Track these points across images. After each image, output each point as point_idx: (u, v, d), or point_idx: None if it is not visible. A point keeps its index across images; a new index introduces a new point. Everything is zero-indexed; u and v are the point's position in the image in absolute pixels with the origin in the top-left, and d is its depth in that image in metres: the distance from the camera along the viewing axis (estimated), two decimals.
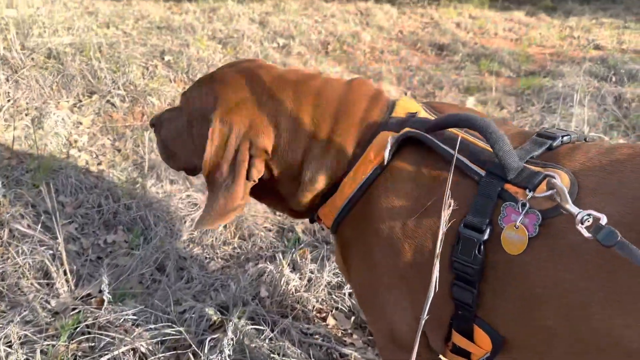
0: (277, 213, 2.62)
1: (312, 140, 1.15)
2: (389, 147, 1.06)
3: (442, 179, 0.99)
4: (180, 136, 1.28)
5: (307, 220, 2.54)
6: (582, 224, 0.76)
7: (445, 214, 0.84)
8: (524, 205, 0.86)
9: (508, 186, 0.90)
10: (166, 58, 4.19)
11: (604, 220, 0.75)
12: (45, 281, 2.04)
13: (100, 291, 2.04)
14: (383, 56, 5.69)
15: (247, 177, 1.12)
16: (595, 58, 5.74)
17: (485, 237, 0.89)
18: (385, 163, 1.06)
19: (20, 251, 2.05)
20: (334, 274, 2.06)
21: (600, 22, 8.11)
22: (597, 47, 6.55)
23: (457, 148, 0.91)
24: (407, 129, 1.06)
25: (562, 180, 0.85)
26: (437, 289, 0.90)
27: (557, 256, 0.83)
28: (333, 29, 6.22)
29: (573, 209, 0.79)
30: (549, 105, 4.18)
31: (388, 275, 1.04)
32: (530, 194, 0.86)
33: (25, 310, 1.85)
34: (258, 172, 1.13)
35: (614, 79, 4.91)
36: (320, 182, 1.15)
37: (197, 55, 4.39)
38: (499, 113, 4.07)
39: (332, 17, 6.93)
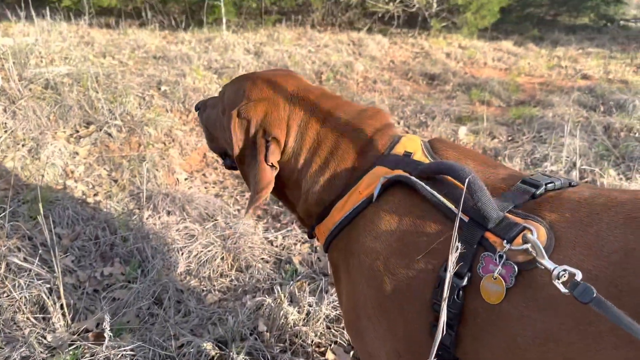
0: (274, 244, 2.63)
1: (312, 155, 1.23)
2: (378, 187, 1.09)
3: (426, 221, 1.02)
4: (216, 122, 1.43)
5: (304, 251, 2.56)
6: (558, 279, 0.79)
7: (453, 257, 0.86)
8: (501, 256, 0.89)
9: (488, 234, 0.93)
10: (162, 88, 4.24)
11: (579, 276, 0.77)
12: (42, 315, 2.03)
13: (98, 325, 2.03)
14: (376, 86, 5.78)
15: (266, 160, 1.21)
16: (583, 88, 5.87)
17: (464, 283, 0.92)
18: (374, 199, 1.10)
19: (16, 285, 2.03)
20: (332, 307, 2.06)
21: (587, 51, 8.31)
22: (585, 77, 6.70)
23: (460, 204, 0.94)
24: (398, 172, 1.09)
25: (539, 234, 0.87)
26: (444, 332, 0.92)
27: (537, 308, 0.85)
28: (326, 58, 6.33)
29: (549, 264, 0.81)
30: (539, 135, 4.26)
31: (368, 305, 1.07)
32: (507, 246, 0.89)
33: (21, 346, 1.84)
34: (274, 156, 1.22)
35: (602, 109, 5.02)
36: (313, 199, 1.22)
37: (193, 85, 4.44)
38: (491, 143, 4.14)
39: (326, 47, 7.05)
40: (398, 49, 7.71)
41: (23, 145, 3.11)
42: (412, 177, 1.05)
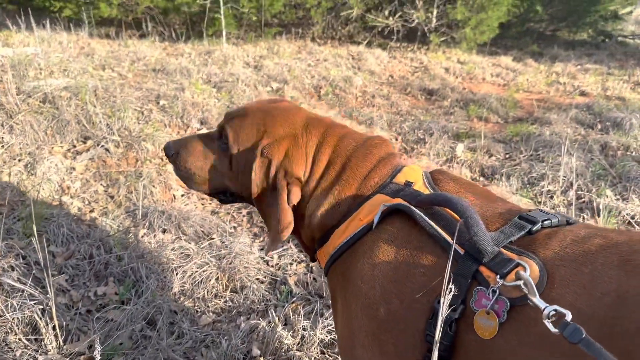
0: (270, 263, 2.62)
1: (319, 180, 1.26)
2: (378, 215, 1.11)
3: (423, 252, 1.03)
4: (213, 162, 1.39)
5: (300, 271, 2.55)
6: (548, 318, 0.79)
7: (446, 293, 0.87)
8: (494, 291, 0.90)
9: (482, 269, 0.94)
10: (161, 102, 4.25)
11: (569, 316, 0.78)
12: (34, 337, 2.01)
13: (91, 347, 2.01)
14: (374, 100, 5.80)
15: (288, 202, 1.22)
16: (581, 105, 5.89)
17: (457, 315, 0.93)
18: (374, 227, 1.11)
19: (9, 305, 2.02)
20: (327, 331, 2.05)
21: (585, 68, 8.35)
22: (583, 94, 6.73)
23: (455, 234, 0.95)
24: (398, 201, 1.11)
25: (531, 271, 0.88)
26: None
27: (528, 343, 0.86)
28: (325, 73, 6.35)
29: (540, 302, 0.82)
30: (537, 153, 4.26)
31: (363, 332, 1.07)
32: (500, 282, 0.90)
33: None
34: (295, 197, 1.23)
35: (599, 127, 5.03)
36: (315, 223, 1.24)
37: (192, 99, 4.45)
38: (488, 161, 4.14)
39: (325, 60, 7.08)
40: (397, 64, 7.75)
41: (19, 160, 3.10)
42: (411, 207, 1.07)
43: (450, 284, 0.93)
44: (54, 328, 2.02)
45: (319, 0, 8.00)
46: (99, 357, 1.54)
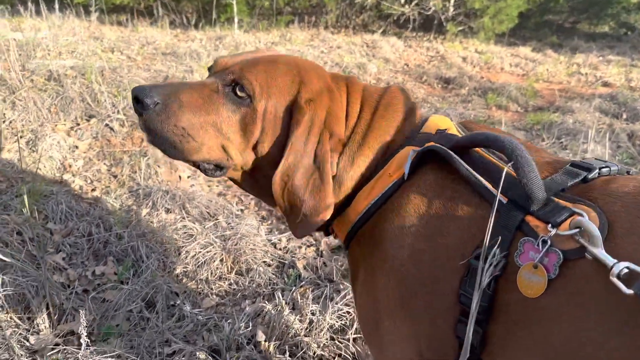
0: (277, 246, 2.48)
1: (351, 134, 1.09)
2: (409, 161, 0.96)
3: (458, 202, 0.88)
4: (218, 120, 1.05)
5: (309, 254, 2.40)
6: (619, 278, 0.65)
7: (484, 260, 0.72)
8: (544, 242, 0.75)
9: (529, 218, 0.79)
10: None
11: None
12: (27, 315, 1.89)
13: (85, 327, 1.89)
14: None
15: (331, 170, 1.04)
16: (604, 95, 5.67)
17: (498, 272, 0.78)
18: (405, 178, 0.96)
19: (0, 282, 1.90)
20: (337, 316, 1.90)
21: (607, 59, 8.09)
22: (606, 84, 6.50)
23: (502, 181, 0.79)
24: (430, 143, 0.96)
25: (590, 219, 0.73)
26: (468, 348, 0.77)
27: (579, 304, 0.72)
28: (339, 60, 6.19)
29: (607, 258, 0.67)
30: (559, 141, 4.07)
31: (391, 301, 0.93)
32: (553, 231, 0.75)
33: (0, 347, 1.70)
34: (335, 165, 1.06)
35: (625, 116, 4.82)
36: (338, 185, 1.07)
37: None
38: None
39: (338, 48, 6.92)
40: (413, 52, 7.56)
41: (21, 137, 2.99)
42: (445, 148, 0.92)
43: (490, 236, 0.79)
44: (47, 307, 1.90)
45: None
46: (85, 334, 1.42)
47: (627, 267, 0.64)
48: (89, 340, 1.57)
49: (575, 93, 5.93)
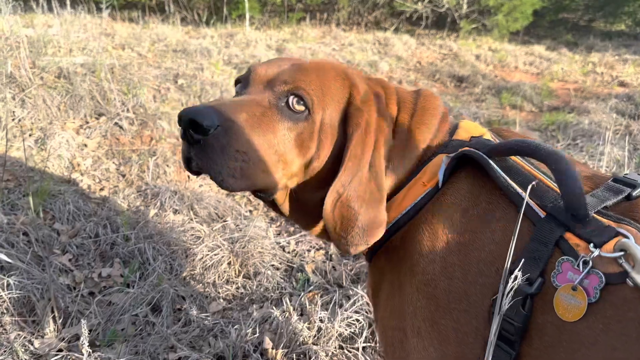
0: (286, 250, 2.44)
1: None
2: (443, 167, 0.92)
3: (494, 213, 0.83)
4: (279, 139, 0.94)
5: (318, 258, 2.36)
6: None
7: (508, 265, 0.67)
8: (585, 263, 0.70)
9: (569, 235, 0.74)
10: (179, 81, 4.09)
11: None
12: (31, 318, 1.87)
13: (91, 331, 1.86)
14: (401, 86, 5.56)
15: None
16: (620, 95, 5.56)
17: (533, 290, 0.74)
18: (440, 185, 0.92)
19: (5, 284, 1.88)
20: (346, 324, 1.86)
21: (624, 58, 7.94)
22: (622, 84, 6.38)
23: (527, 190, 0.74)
24: (466, 148, 0.91)
25: (637, 242, 0.68)
26: (492, 348, 0.73)
27: (618, 333, 0.67)
28: (351, 57, 6.13)
29: None
30: (575, 143, 3.99)
31: (419, 317, 0.88)
32: (596, 251, 0.70)
33: (4, 353, 1.68)
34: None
35: None
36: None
37: (211, 79, 4.29)
38: None
39: (350, 45, 6.86)
40: (425, 50, 7.47)
41: (30, 135, 2.98)
42: (481, 153, 0.87)
43: (526, 251, 0.74)
44: (52, 310, 1.87)
45: None
46: (87, 344, 1.39)
47: None
48: (90, 350, 1.53)
49: (591, 93, 5.82)
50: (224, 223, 2.52)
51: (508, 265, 0.69)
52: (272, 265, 2.28)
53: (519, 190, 0.81)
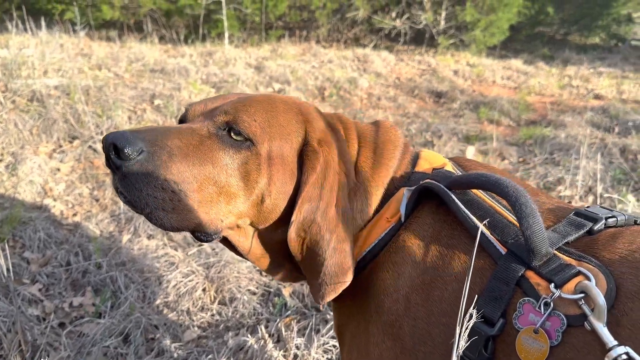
0: (263, 273, 2.40)
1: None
2: (404, 202, 0.89)
3: (455, 249, 0.81)
4: (216, 169, 0.87)
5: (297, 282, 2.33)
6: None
7: (463, 306, 0.66)
8: (546, 304, 0.68)
9: (530, 274, 0.72)
10: (156, 102, 4.06)
11: None
12: None
13: None
14: (380, 102, 5.59)
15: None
16: (596, 107, 5.65)
17: (495, 332, 0.72)
18: (403, 220, 0.89)
19: None
20: (323, 350, 1.82)
21: (599, 71, 8.10)
22: (597, 97, 6.48)
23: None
24: (427, 180, 0.89)
25: (598, 282, 0.67)
26: None
27: None
28: (330, 74, 6.15)
29: (607, 338, 0.62)
30: (552, 157, 4.03)
31: None
32: (556, 292, 0.68)
33: None
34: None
35: (617, 130, 4.79)
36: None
37: (189, 99, 4.26)
38: (501, 164, 3.91)
39: (330, 62, 6.89)
40: (404, 66, 7.54)
41: (0, 161, 2.91)
42: (442, 186, 0.85)
43: (487, 290, 0.72)
44: (19, 344, 1.81)
45: (324, 1, 7.82)
46: None
47: (627, 354, 0.58)
48: None
49: (567, 106, 5.91)
50: (200, 247, 2.48)
51: (463, 306, 0.67)
52: (249, 290, 2.24)
53: (480, 225, 0.79)
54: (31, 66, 4.52)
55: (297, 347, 1.83)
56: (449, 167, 0.97)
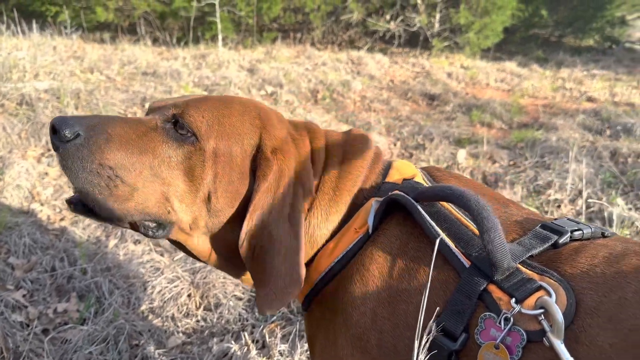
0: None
1: (318, 189, 0.98)
2: (372, 213, 0.89)
3: (421, 262, 0.81)
4: (153, 161, 0.88)
5: None
6: None
7: (421, 320, 0.66)
8: (507, 319, 0.69)
9: (492, 288, 0.73)
10: (146, 105, 4.05)
11: None
12: None
13: None
14: (373, 105, 5.59)
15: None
16: (588, 110, 5.67)
17: (457, 346, 0.72)
18: (370, 231, 0.89)
19: None
20: (306, 357, 1.82)
21: (592, 73, 8.12)
22: (590, 99, 6.50)
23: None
24: (394, 192, 0.89)
25: (558, 297, 0.68)
26: None
27: None
28: (323, 77, 6.15)
29: (563, 353, 0.62)
30: (542, 160, 4.03)
31: None
32: (517, 307, 0.69)
33: None
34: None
35: (608, 133, 4.80)
36: (310, 246, 0.97)
37: None
38: (491, 167, 3.91)
39: (324, 65, 6.89)
40: (398, 69, 7.54)
41: None
42: (409, 198, 0.85)
43: (450, 304, 0.72)
44: (1, 351, 1.80)
45: (318, 4, 7.82)
46: None
47: None
48: None
49: (560, 109, 5.92)
50: None
51: (421, 321, 0.67)
52: (235, 295, 2.24)
53: (445, 237, 0.79)
54: (22, 69, 4.51)
55: (281, 354, 1.83)
56: (419, 178, 0.96)
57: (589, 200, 3.18)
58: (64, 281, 2.22)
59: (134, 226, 0.93)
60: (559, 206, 3.25)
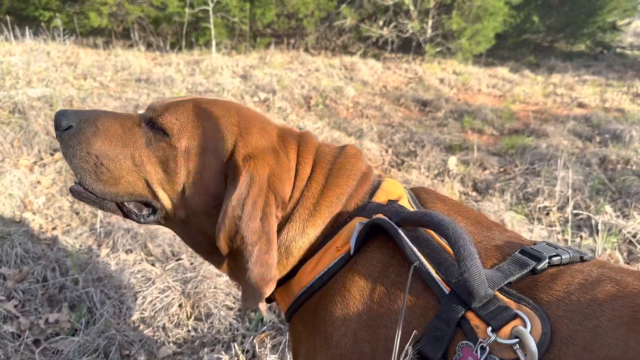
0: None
1: (300, 198, 1.00)
2: (354, 235, 0.91)
3: (401, 288, 0.83)
4: (135, 153, 0.99)
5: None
6: None
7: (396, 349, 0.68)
8: (483, 348, 0.71)
9: (470, 315, 0.75)
10: (139, 112, 4.07)
11: None
12: None
13: None
14: (366, 111, 5.62)
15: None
16: (579, 116, 5.72)
17: None
18: (352, 253, 0.91)
19: None
20: None
21: (583, 79, 8.20)
22: (581, 105, 6.56)
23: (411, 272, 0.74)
24: (378, 215, 0.91)
25: (533, 326, 0.69)
26: None
27: None
28: (317, 83, 6.18)
29: None
30: (532, 167, 4.07)
31: None
32: (492, 336, 0.71)
33: None
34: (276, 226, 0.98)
35: (598, 139, 4.85)
36: (285, 256, 0.99)
37: None
38: (481, 174, 3.95)
39: (317, 71, 6.92)
40: (391, 74, 7.59)
41: None
42: (392, 222, 0.87)
43: (429, 329, 0.74)
44: None
45: (312, 9, 7.86)
46: None
47: None
48: None
49: (551, 115, 5.98)
50: (178, 261, 2.49)
51: (396, 347, 0.69)
52: (225, 305, 2.25)
53: (426, 263, 0.81)
54: (15, 76, 4.51)
55: None
56: (404, 200, 0.98)
57: (574, 211, 3.22)
58: (55, 291, 2.24)
59: (126, 214, 1.05)
60: (547, 213, 3.29)
